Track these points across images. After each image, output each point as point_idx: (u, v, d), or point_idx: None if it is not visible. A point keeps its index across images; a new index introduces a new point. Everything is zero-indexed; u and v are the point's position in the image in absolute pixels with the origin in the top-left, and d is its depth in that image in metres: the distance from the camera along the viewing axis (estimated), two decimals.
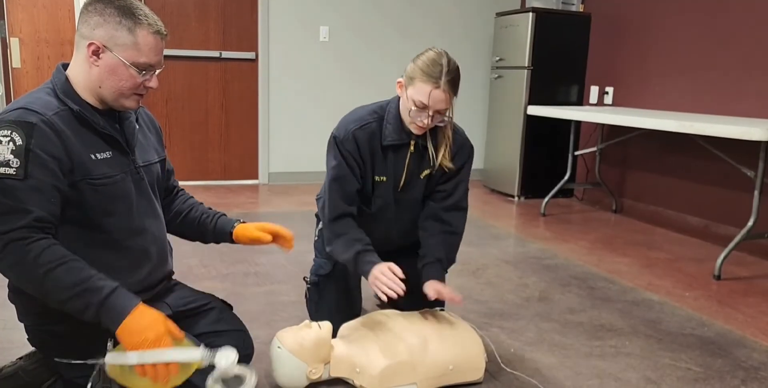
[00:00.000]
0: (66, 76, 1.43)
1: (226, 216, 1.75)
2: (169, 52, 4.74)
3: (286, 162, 5.07)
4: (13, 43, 6.39)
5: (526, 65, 4.55)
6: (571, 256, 3.25)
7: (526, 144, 4.65)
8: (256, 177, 5.08)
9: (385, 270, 1.79)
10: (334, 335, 1.82)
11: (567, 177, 4.35)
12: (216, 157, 4.95)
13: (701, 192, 3.88)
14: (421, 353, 1.72)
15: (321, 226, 2.23)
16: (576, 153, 4.39)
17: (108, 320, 1.27)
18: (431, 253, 1.98)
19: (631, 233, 3.83)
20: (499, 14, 4.83)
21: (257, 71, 4.89)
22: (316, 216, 2.28)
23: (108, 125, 1.45)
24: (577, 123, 4.41)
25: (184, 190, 1.83)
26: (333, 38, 4.98)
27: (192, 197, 1.82)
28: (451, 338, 1.79)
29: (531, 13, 4.48)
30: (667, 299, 2.64)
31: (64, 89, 1.41)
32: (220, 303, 1.82)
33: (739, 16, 3.61)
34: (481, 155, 5.31)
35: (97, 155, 1.41)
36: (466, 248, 3.31)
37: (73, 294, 1.26)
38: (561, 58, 4.65)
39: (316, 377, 1.70)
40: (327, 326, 1.74)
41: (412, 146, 1.93)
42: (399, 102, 1.90)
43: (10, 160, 1.27)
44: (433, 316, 1.90)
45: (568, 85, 4.75)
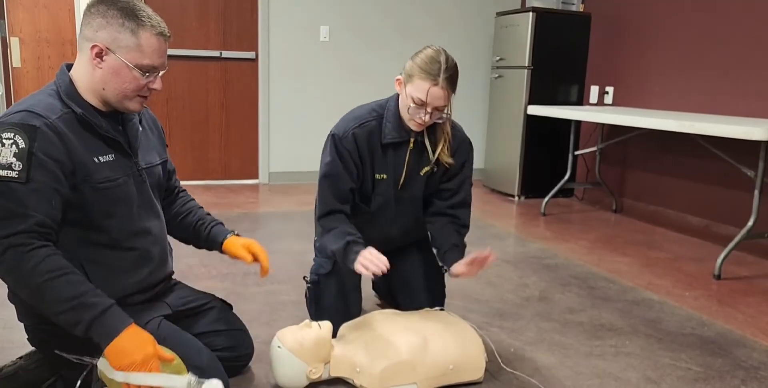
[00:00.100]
0: (70, 78, 1.43)
1: (221, 225, 1.75)
2: (170, 52, 4.71)
3: (287, 162, 5.07)
4: (14, 42, 6.39)
5: (527, 65, 4.55)
6: (571, 255, 3.25)
7: (527, 144, 4.65)
8: (256, 177, 5.08)
9: (370, 250, 1.80)
10: (334, 334, 1.82)
11: (567, 177, 4.35)
12: (216, 156, 4.95)
13: (701, 192, 3.88)
14: (422, 353, 1.72)
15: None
16: (576, 153, 4.39)
17: (98, 337, 1.28)
18: (447, 241, 2.01)
19: (631, 232, 3.83)
20: (500, 14, 4.83)
21: (257, 71, 4.89)
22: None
23: (111, 128, 1.45)
24: (577, 123, 4.41)
25: (186, 191, 1.83)
26: (333, 38, 4.98)
27: (192, 200, 1.81)
28: (452, 337, 1.79)
29: (531, 13, 4.48)
30: (667, 298, 2.64)
31: (67, 91, 1.41)
32: (220, 303, 1.83)
33: (739, 15, 3.61)
34: (481, 155, 5.31)
35: (100, 158, 1.41)
36: (466, 248, 3.31)
37: (68, 307, 1.26)
38: (561, 57, 4.65)
39: (316, 376, 1.70)
40: (327, 325, 1.74)
41: (411, 143, 1.94)
42: (398, 100, 1.92)
43: (12, 163, 1.27)
44: (433, 316, 1.90)
45: (568, 84, 4.75)
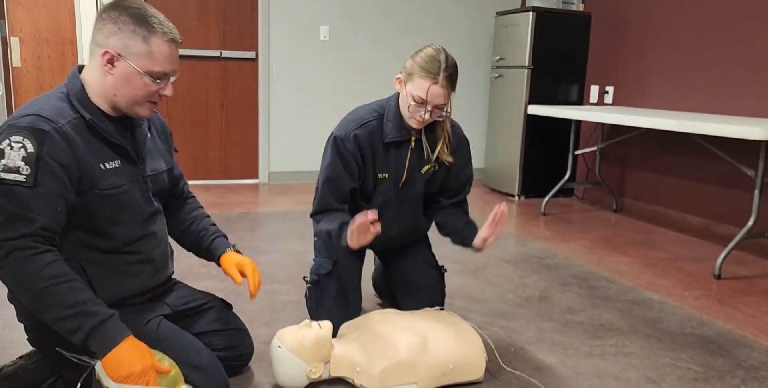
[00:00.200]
0: (81, 82, 1.42)
1: (223, 238, 1.74)
2: None
3: (287, 161, 5.07)
4: (14, 42, 6.38)
5: (527, 65, 4.54)
6: (571, 255, 3.25)
7: (527, 143, 4.65)
8: (256, 176, 5.08)
9: (356, 219, 1.75)
10: (335, 334, 1.82)
11: (567, 176, 4.34)
12: (216, 156, 4.95)
13: (701, 191, 3.88)
14: (422, 353, 1.72)
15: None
16: (576, 152, 4.39)
17: (97, 346, 1.28)
18: (457, 222, 2.07)
19: (631, 232, 3.83)
20: (500, 13, 4.83)
21: (257, 71, 4.89)
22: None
23: (119, 134, 1.45)
24: (578, 122, 4.41)
25: (195, 198, 1.83)
26: (333, 38, 4.98)
27: (199, 208, 1.80)
28: (452, 337, 1.79)
29: (531, 13, 4.48)
30: (667, 298, 2.64)
31: (78, 96, 1.40)
32: (220, 302, 1.83)
33: (739, 15, 3.61)
34: (481, 155, 5.31)
35: (106, 165, 1.41)
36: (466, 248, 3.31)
37: (69, 314, 1.26)
38: (561, 57, 4.64)
39: (316, 376, 1.70)
40: (327, 325, 1.74)
41: (412, 142, 1.96)
42: (398, 98, 1.93)
43: (20, 167, 1.27)
44: (433, 315, 1.90)
45: (568, 84, 4.75)
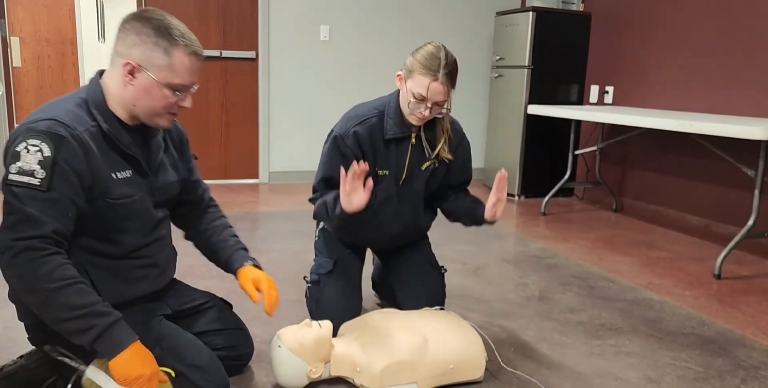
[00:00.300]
0: (101, 89, 1.42)
1: (242, 251, 1.73)
2: None
3: (287, 161, 5.07)
4: (14, 42, 6.38)
5: (527, 64, 4.55)
6: (571, 255, 3.25)
7: (527, 143, 4.65)
8: (256, 176, 5.08)
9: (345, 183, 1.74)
10: (335, 334, 1.82)
11: (567, 176, 4.35)
12: (216, 156, 4.95)
13: (701, 191, 3.88)
14: (422, 352, 1.72)
15: (321, 226, 2.24)
16: (576, 152, 4.39)
17: (105, 347, 1.28)
18: (464, 202, 2.12)
19: (631, 232, 3.83)
20: (500, 13, 4.83)
21: (258, 70, 4.89)
22: (315, 218, 2.29)
23: (133, 145, 1.45)
24: (578, 122, 4.41)
25: (217, 207, 1.81)
26: (333, 37, 4.98)
27: (221, 218, 1.79)
28: (452, 337, 1.80)
29: (531, 13, 4.48)
30: (667, 298, 2.64)
31: (96, 103, 1.40)
32: (220, 302, 1.83)
33: (740, 15, 3.61)
34: (481, 155, 5.31)
35: (118, 174, 1.42)
36: (466, 247, 3.32)
37: (79, 315, 1.26)
38: (561, 57, 4.65)
39: (316, 376, 1.71)
40: (327, 324, 1.75)
41: (413, 139, 1.97)
42: (398, 96, 1.94)
43: (35, 170, 1.27)
44: (433, 315, 1.90)
45: (568, 84, 4.75)
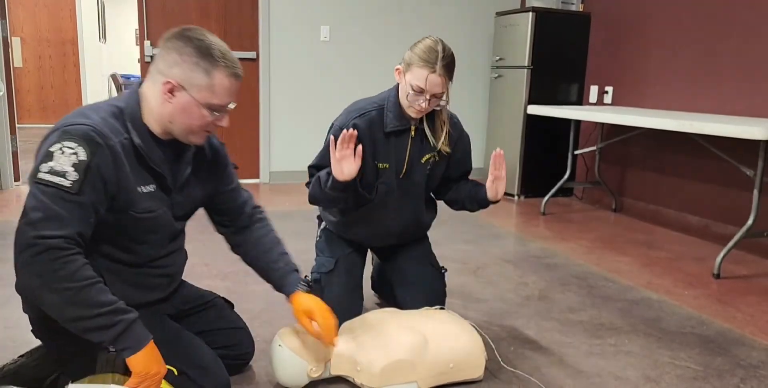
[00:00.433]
0: (138, 102, 1.43)
1: (294, 274, 1.70)
2: None
3: (288, 161, 5.08)
4: (15, 42, 6.39)
5: (526, 65, 4.55)
6: (571, 255, 3.26)
7: (526, 143, 4.66)
8: (257, 176, 5.08)
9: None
10: (336, 333, 1.83)
11: (567, 176, 4.35)
12: None
13: (701, 191, 3.88)
14: (422, 352, 1.73)
15: (323, 226, 2.25)
16: (576, 152, 4.39)
17: (128, 342, 1.30)
18: (465, 186, 2.13)
19: (630, 232, 3.83)
20: (499, 14, 4.84)
21: (258, 70, 4.90)
22: (318, 218, 2.30)
23: (162, 161, 1.45)
24: (577, 122, 4.41)
25: (265, 220, 1.76)
26: (334, 38, 4.98)
27: (269, 233, 1.74)
28: (452, 336, 1.80)
29: (531, 13, 4.48)
30: (666, 297, 2.65)
31: (132, 116, 1.41)
32: (222, 301, 1.84)
33: (739, 15, 3.61)
34: (481, 155, 5.32)
35: (143, 188, 1.42)
36: (466, 247, 3.32)
37: (104, 312, 1.26)
38: (561, 57, 4.65)
39: (316, 375, 1.71)
40: None
41: (413, 131, 1.99)
42: (397, 90, 1.97)
43: (68, 172, 1.27)
44: (433, 315, 1.91)
45: (567, 84, 4.76)
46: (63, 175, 1.26)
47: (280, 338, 1.71)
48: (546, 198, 4.30)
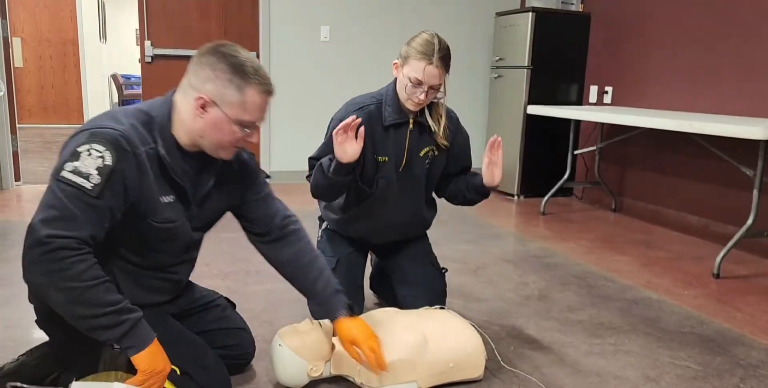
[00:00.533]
0: (170, 111, 1.43)
1: (337, 296, 1.67)
2: (170, 52, 4.75)
3: (288, 161, 5.08)
4: (15, 42, 6.39)
5: (526, 65, 4.55)
6: (570, 254, 3.26)
7: (526, 143, 4.66)
8: None
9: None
10: (335, 333, 1.83)
11: (566, 176, 4.36)
12: None
13: (700, 191, 3.89)
14: (422, 351, 1.73)
15: (324, 226, 2.25)
16: (576, 152, 4.40)
17: (134, 340, 1.31)
18: (463, 179, 2.15)
19: (630, 231, 3.84)
20: (499, 14, 4.84)
21: None
22: (320, 219, 2.30)
23: (185, 174, 1.45)
24: (577, 122, 4.42)
25: (298, 231, 1.71)
26: (334, 38, 4.99)
27: (303, 248, 1.70)
28: (452, 336, 1.80)
29: (531, 13, 4.49)
30: (666, 297, 2.65)
31: (161, 125, 1.41)
32: (224, 301, 1.85)
33: (739, 15, 3.62)
34: (481, 154, 5.31)
35: (164, 199, 1.43)
36: (466, 247, 3.32)
37: (111, 311, 1.27)
38: (561, 57, 4.66)
39: (317, 374, 1.71)
40: (328, 324, 1.75)
41: (411, 124, 2.02)
42: (395, 85, 2.01)
43: (91, 174, 1.27)
44: (433, 314, 1.91)
45: (567, 84, 4.76)
46: (86, 177, 1.27)
47: (280, 338, 1.71)
48: (546, 198, 4.31)
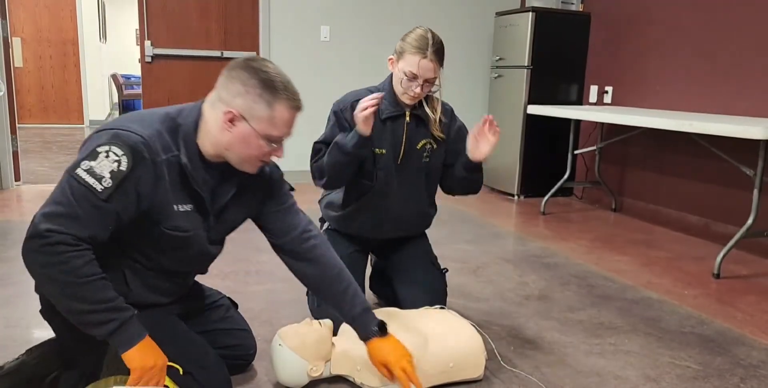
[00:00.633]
0: (197, 122, 1.42)
1: (366, 314, 1.65)
2: (171, 52, 4.75)
3: (287, 161, 5.05)
4: (15, 42, 6.39)
5: (526, 64, 4.55)
6: (570, 254, 3.26)
7: (526, 143, 4.66)
8: None
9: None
10: (335, 332, 1.83)
11: (567, 176, 4.36)
12: None
13: (701, 191, 3.89)
14: (422, 351, 1.73)
15: (326, 226, 2.26)
16: (576, 152, 4.40)
17: (121, 338, 1.31)
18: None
19: (630, 231, 3.84)
20: (499, 14, 4.84)
21: None
22: (320, 220, 2.31)
23: (205, 184, 1.45)
24: (577, 122, 4.42)
25: (319, 247, 1.67)
26: (334, 38, 4.99)
27: (327, 263, 1.66)
28: (452, 335, 1.80)
29: (531, 13, 4.49)
30: (666, 297, 2.65)
31: (186, 134, 1.41)
32: (228, 301, 1.85)
33: (739, 15, 3.62)
34: None
35: (180, 207, 1.42)
36: (466, 247, 3.32)
37: (100, 309, 1.28)
38: (561, 57, 4.66)
39: (317, 374, 1.71)
40: (328, 323, 1.76)
41: (408, 116, 2.06)
42: (391, 80, 2.06)
43: (104, 177, 1.28)
44: (433, 314, 1.91)
45: (567, 84, 4.76)
46: (99, 179, 1.27)
47: (280, 338, 1.71)
48: (546, 198, 4.31)
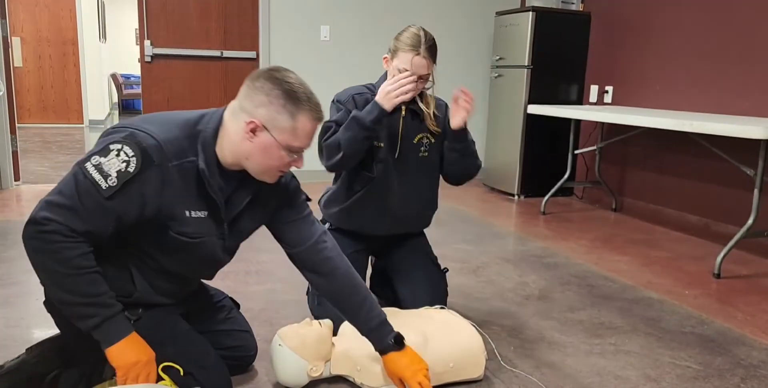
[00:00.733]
0: (217, 129, 1.42)
1: (381, 328, 1.64)
2: (171, 51, 4.75)
3: None
4: (15, 42, 6.39)
5: (526, 64, 4.55)
6: (570, 254, 3.26)
7: (526, 143, 4.66)
8: None
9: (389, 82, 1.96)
10: (335, 332, 1.83)
11: (567, 176, 4.35)
12: None
13: (701, 190, 3.89)
14: (422, 351, 1.73)
15: (326, 227, 2.25)
16: (576, 152, 4.39)
17: (104, 334, 1.33)
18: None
19: (630, 231, 3.83)
20: (499, 13, 4.84)
21: None
22: (321, 222, 2.30)
23: (221, 190, 1.44)
24: (577, 122, 4.42)
25: (333, 259, 1.64)
26: (334, 38, 4.99)
27: (342, 275, 1.64)
28: (452, 335, 1.80)
29: (531, 12, 4.49)
30: (666, 297, 2.65)
31: (205, 140, 1.40)
32: (230, 302, 1.85)
33: (739, 14, 3.61)
34: (481, 154, 5.29)
35: (192, 213, 1.42)
36: (466, 247, 3.32)
37: (85, 302, 1.30)
38: (561, 57, 4.65)
39: (317, 374, 1.71)
40: (328, 323, 1.75)
41: (403, 111, 2.09)
42: (385, 78, 2.07)
43: (110, 176, 1.28)
44: (433, 314, 1.91)
45: (568, 84, 4.76)
46: (106, 176, 1.28)
47: (280, 338, 1.71)
48: (546, 198, 4.30)
